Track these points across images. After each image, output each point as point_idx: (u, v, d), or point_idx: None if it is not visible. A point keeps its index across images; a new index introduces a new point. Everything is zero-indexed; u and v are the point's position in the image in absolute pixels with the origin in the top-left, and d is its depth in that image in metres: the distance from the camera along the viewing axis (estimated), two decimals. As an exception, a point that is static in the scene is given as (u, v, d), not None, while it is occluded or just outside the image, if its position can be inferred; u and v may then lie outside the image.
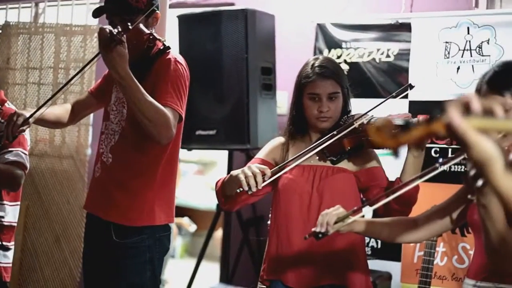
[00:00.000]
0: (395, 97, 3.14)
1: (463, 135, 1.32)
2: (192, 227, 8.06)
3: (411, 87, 3.13)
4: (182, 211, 7.85)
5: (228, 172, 4.63)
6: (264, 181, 2.79)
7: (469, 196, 2.40)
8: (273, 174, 2.88)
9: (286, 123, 3.22)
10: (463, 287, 2.55)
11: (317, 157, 3.04)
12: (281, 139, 3.18)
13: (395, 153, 1.42)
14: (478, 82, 2.45)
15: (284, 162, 3.00)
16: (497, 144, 1.34)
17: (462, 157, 2.24)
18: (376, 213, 4.18)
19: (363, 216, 2.67)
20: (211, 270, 6.06)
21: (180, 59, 3.22)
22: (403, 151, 2.54)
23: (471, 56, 4.40)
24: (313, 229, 2.58)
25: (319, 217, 2.59)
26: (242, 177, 2.78)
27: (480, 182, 1.45)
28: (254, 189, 2.77)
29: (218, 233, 6.32)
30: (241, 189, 2.79)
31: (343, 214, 2.57)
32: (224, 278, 4.75)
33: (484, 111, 1.35)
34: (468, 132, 1.31)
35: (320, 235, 2.55)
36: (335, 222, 2.55)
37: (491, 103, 1.37)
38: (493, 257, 2.14)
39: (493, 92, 2.36)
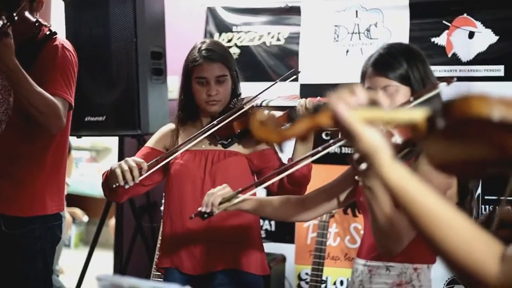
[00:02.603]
0: (284, 80, 3.15)
1: (349, 126, 1.30)
2: (85, 218, 7.93)
3: (297, 73, 3.16)
4: (76, 199, 7.72)
5: (120, 159, 4.58)
6: (141, 174, 2.79)
7: (356, 177, 2.42)
8: (155, 164, 2.87)
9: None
10: (354, 266, 2.58)
11: (208, 142, 3.03)
12: (171, 126, 3.15)
13: (280, 147, 1.39)
14: (363, 64, 2.47)
15: (170, 150, 2.99)
16: (384, 135, 1.32)
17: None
18: (270, 194, 4.21)
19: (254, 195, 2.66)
20: (106, 259, 5.98)
21: (68, 45, 3.20)
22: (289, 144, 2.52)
23: (360, 39, 4.47)
24: (198, 209, 2.56)
25: (204, 197, 2.58)
26: (118, 171, 2.77)
27: (364, 165, 1.45)
28: (130, 183, 2.77)
29: (113, 221, 6.23)
30: (117, 184, 2.77)
31: (229, 194, 2.56)
32: (117, 267, 4.69)
33: (370, 102, 1.35)
34: (354, 123, 1.30)
35: (205, 215, 2.54)
36: (221, 203, 2.54)
37: (376, 94, 1.36)
38: (380, 238, 2.16)
39: (378, 74, 2.38)
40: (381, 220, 2.06)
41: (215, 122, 2.95)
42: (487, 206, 4.12)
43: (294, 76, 3.18)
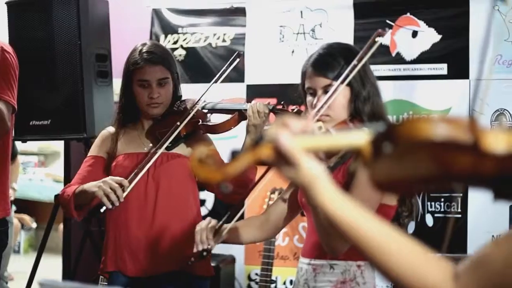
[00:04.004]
0: (224, 71, 3.13)
1: (290, 155, 1.27)
2: (34, 224, 7.84)
3: (239, 55, 3.12)
4: (24, 205, 7.63)
5: (66, 162, 4.53)
6: (124, 191, 2.75)
7: None
8: (133, 178, 2.84)
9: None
10: (298, 266, 2.59)
11: (151, 144, 3.01)
12: (110, 129, 3.12)
13: (223, 186, 1.35)
14: (303, 64, 2.49)
15: (147, 158, 2.93)
16: (322, 164, 1.31)
17: None
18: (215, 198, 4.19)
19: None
20: (55, 264, 5.92)
21: (8, 47, 3.17)
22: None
23: (305, 39, 4.50)
24: (194, 250, 2.47)
25: (195, 236, 2.48)
26: (101, 194, 2.71)
27: None
28: (117, 204, 2.73)
29: (62, 225, 6.18)
30: (105, 208, 2.74)
31: (218, 225, 2.50)
32: (67, 271, 4.64)
33: (304, 131, 1.31)
34: (295, 152, 1.26)
35: (204, 253, 2.46)
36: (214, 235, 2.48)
37: (310, 125, 1.33)
38: (325, 238, 2.18)
39: (318, 74, 2.40)
40: (324, 220, 2.07)
41: (170, 132, 2.93)
42: (433, 203, 4.16)
43: (236, 62, 3.14)
